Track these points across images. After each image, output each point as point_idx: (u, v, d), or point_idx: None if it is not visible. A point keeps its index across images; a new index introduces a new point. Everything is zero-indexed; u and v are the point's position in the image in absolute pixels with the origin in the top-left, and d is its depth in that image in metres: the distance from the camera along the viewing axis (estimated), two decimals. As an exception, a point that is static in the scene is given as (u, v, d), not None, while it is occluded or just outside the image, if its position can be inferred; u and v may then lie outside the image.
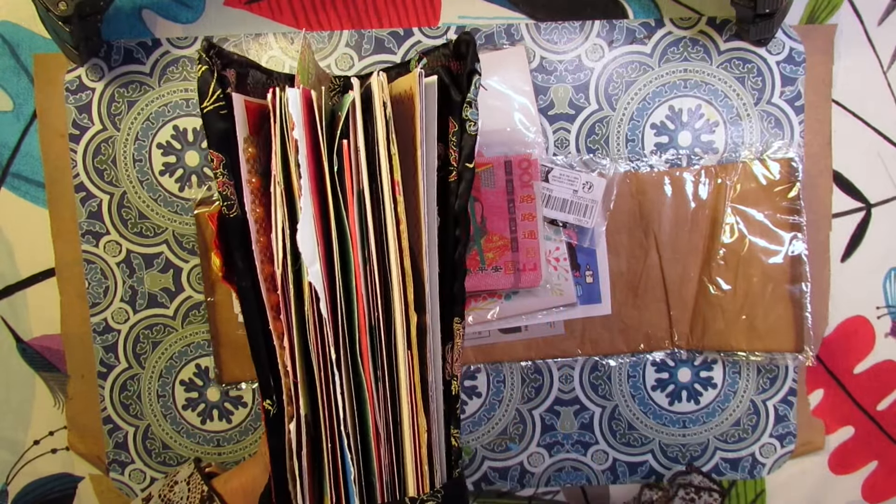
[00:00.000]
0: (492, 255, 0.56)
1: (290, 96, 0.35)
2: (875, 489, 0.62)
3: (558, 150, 0.58)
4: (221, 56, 0.39)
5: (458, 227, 0.39)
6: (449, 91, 0.38)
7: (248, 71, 0.41)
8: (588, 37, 0.57)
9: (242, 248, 0.37)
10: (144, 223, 0.57)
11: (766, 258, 0.56)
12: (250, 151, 0.37)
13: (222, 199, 0.36)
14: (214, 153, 0.36)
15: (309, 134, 0.36)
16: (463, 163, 0.38)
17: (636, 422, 0.60)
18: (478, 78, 0.38)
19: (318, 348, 0.38)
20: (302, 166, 0.35)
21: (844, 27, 0.58)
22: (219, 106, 0.36)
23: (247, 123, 0.37)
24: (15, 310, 0.58)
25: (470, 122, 0.38)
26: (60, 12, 0.46)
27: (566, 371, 0.60)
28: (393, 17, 0.57)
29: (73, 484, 0.61)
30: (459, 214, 0.38)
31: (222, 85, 0.36)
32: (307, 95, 0.36)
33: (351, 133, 0.36)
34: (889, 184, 0.59)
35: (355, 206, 0.36)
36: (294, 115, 0.35)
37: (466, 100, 0.38)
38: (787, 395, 0.60)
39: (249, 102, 0.37)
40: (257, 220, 0.37)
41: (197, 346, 0.59)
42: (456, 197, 0.38)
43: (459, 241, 0.39)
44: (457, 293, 0.39)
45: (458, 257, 0.39)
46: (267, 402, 0.39)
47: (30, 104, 0.57)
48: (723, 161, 0.58)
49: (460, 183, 0.38)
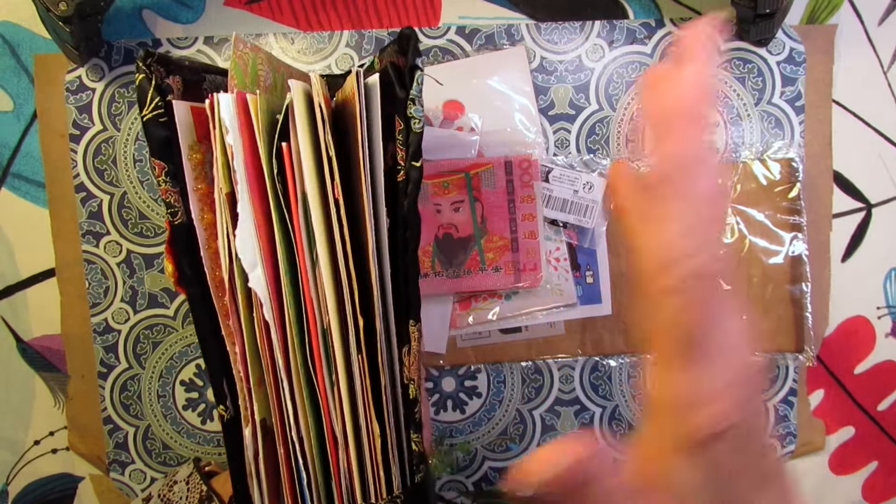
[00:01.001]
0: (492, 255, 0.56)
1: (221, 101, 0.35)
2: (875, 489, 0.62)
3: (558, 151, 0.58)
4: (166, 63, 0.38)
5: (408, 228, 0.38)
6: (394, 89, 0.38)
7: (203, 76, 0.41)
8: (588, 37, 0.57)
9: (189, 254, 0.37)
10: (145, 223, 0.57)
11: (766, 258, 0.56)
12: (197, 157, 0.37)
13: (166, 207, 0.36)
14: (156, 161, 0.36)
15: (248, 137, 0.35)
16: (410, 161, 0.37)
17: (637, 422, 0.60)
18: (420, 74, 0.37)
19: (266, 354, 0.38)
20: (239, 171, 0.34)
21: (844, 27, 0.58)
22: (158, 114, 0.36)
23: (193, 130, 0.37)
24: (15, 310, 0.58)
25: (415, 120, 0.37)
26: (61, 12, 0.46)
27: (566, 371, 0.60)
28: (393, 18, 0.57)
29: (73, 484, 0.61)
30: (409, 215, 0.38)
31: (161, 93, 0.36)
32: (242, 98, 0.35)
33: (291, 135, 0.35)
34: (889, 184, 0.59)
35: (300, 209, 0.36)
36: (227, 121, 0.34)
37: (410, 97, 0.37)
38: (788, 396, 0.60)
39: (198, 108, 0.37)
40: (206, 227, 0.37)
41: (197, 347, 0.59)
42: (405, 196, 0.37)
43: (409, 242, 0.38)
44: (411, 295, 0.39)
45: (409, 259, 0.38)
46: (220, 407, 0.40)
47: (30, 104, 0.57)
48: (723, 161, 0.58)
49: (408, 183, 0.37)
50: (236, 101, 0.35)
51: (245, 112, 0.35)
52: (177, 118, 0.36)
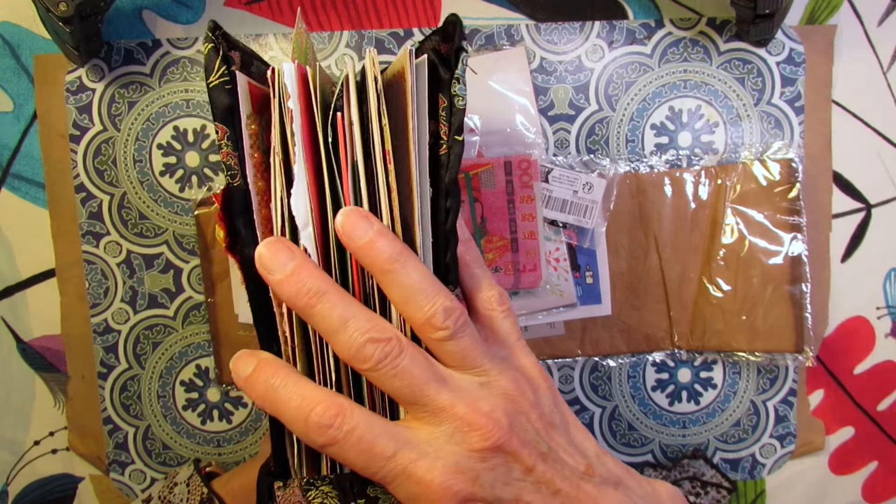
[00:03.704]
0: (492, 255, 0.56)
1: (285, 69, 0.36)
2: (875, 490, 0.62)
3: (558, 151, 0.58)
4: (227, 39, 0.40)
5: (449, 197, 0.39)
6: (438, 70, 0.39)
7: (252, 60, 0.42)
8: (588, 37, 0.57)
9: (245, 215, 0.38)
10: (145, 224, 0.57)
11: (766, 259, 0.56)
12: (253, 128, 0.38)
13: (226, 169, 0.37)
14: (219, 125, 0.37)
15: (305, 106, 0.37)
16: (452, 136, 0.39)
17: (636, 422, 0.60)
18: (465, 55, 0.39)
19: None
20: (297, 134, 0.36)
21: (844, 28, 0.58)
22: (224, 81, 0.37)
23: (250, 101, 0.38)
24: (15, 310, 0.58)
25: (458, 98, 0.39)
26: (61, 13, 0.46)
27: (566, 371, 0.60)
28: (393, 18, 0.57)
29: (73, 484, 0.61)
30: (450, 185, 0.39)
31: (227, 63, 0.38)
32: (302, 70, 0.37)
33: (345, 107, 0.37)
34: (889, 184, 0.59)
35: (349, 176, 0.37)
36: (289, 87, 0.36)
37: (455, 76, 0.39)
38: (787, 396, 0.60)
39: (252, 85, 0.39)
40: (259, 193, 0.38)
41: (197, 347, 0.59)
42: (446, 169, 0.39)
43: (450, 211, 0.40)
44: (450, 262, 0.40)
45: (448, 227, 0.40)
46: None
47: (30, 105, 0.57)
48: (723, 162, 0.58)
49: (450, 156, 0.39)
50: (297, 71, 0.37)
51: (304, 82, 0.37)
52: (238, 87, 0.37)
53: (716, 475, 0.58)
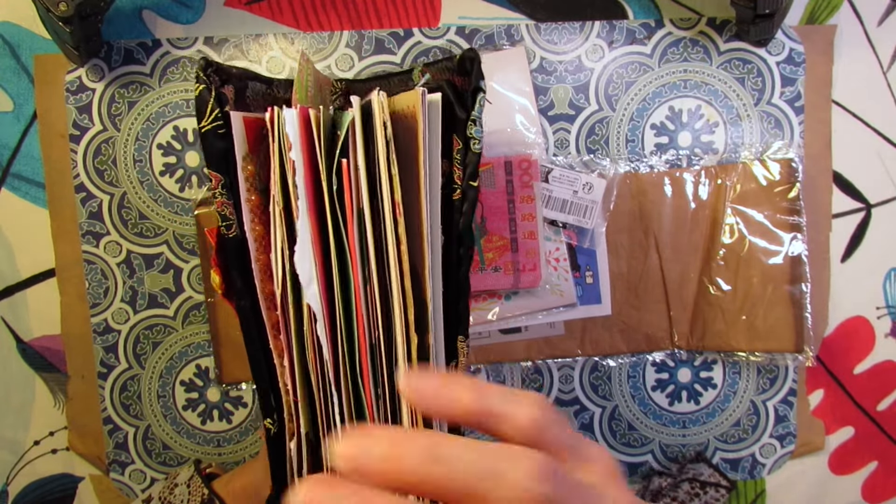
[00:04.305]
0: (492, 255, 0.56)
1: (286, 117, 0.34)
2: (875, 490, 0.62)
3: (558, 151, 0.58)
4: (220, 73, 0.38)
5: (462, 245, 0.38)
6: (453, 108, 0.38)
7: (247, 84, 0.41)
8: (588, 37, 0.57)
9: (241, 267, 0.37)
10: (145, 224, 0.57)
11: (766, 259, 0.56)
12: (249, 169, 0.37)
13: (221, 219, 0.36)
14: (213, 173, 0.36)
15: (307, 153, 0.35)
16: (467, 181, 0.37)
17: (636, 422, 0.60)
18: (482, 96, 0.37)
19: (316, 368, 0.38)
20: (299, 188, 0.34)
21: (844, 28, 0.58)
22: (217, 125, 0.36)
23: (246, 141, 0.37)
24: (15, 310, 0.58)
25: (474, 140, 0.37)
26: (61, 13, 0.46)
27: (566, 371, 0.60)
28: (393, 18, 0.57)
29: (73, 484, 0.61)
30: (463, 232, 0.38)
31: (220, 103, 0.36)
32: (304, 115, 0.35)
33: (350, 152, 0.35)
34: (889, 184, 0.59)
35: (355, 225, 0.36)
36: (291, 136, 0.34)
37: (471, 118, 0.37)
38: (787, 396, 0.60)
39: (248, 118, 0.37)
40: (257, 238, 0.37)
41: (197, 347, 0.59)
42: (461, 215, 0.38)
43: (463, 259, 0.38)
44: (461, 312, 0.39)
45: (462, 276, 0.38)
46: (268, 420, 0.39)
47: (30, 105, 0.57)
48: (723, 161, 0.58)
49: (464, 201, 0.38)
50: (300, 117, 0.34)
51: (306, 128, 0.35)
52: (233, 130, 0.36)
53: (714, 474, 0.58)
